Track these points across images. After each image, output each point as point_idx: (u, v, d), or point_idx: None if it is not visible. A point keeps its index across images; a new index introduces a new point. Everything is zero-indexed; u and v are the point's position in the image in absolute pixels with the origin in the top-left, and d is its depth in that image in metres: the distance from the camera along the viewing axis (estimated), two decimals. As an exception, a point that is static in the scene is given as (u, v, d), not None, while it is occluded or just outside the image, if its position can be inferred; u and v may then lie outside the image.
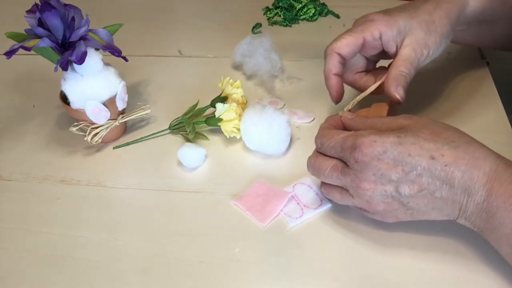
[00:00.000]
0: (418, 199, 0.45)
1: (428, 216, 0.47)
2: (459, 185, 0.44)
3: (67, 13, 0.58)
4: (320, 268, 0.50)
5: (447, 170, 0.44)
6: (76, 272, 0.52)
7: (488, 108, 0.65)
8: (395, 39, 0.56)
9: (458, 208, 0.45)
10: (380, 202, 0.47)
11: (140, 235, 0.55)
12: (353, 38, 0.56)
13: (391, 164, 0.45)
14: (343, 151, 0.48)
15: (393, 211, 0.47)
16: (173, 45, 0.83)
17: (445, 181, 0.44)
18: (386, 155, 0.45)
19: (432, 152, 0.44)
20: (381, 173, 0.45)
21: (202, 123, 0.65)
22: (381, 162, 0.45)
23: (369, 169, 0.45)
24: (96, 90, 0.61)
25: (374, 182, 0.46)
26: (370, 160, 0.45)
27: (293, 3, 0.88)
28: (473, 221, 0.45)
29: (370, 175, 0.46)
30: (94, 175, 0.62)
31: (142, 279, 0.51)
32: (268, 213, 0.55)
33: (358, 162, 0.46)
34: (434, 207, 0.46)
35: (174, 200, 0.58)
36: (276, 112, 0.61)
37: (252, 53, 0.73)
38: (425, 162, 0.44)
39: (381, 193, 0.46)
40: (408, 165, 0.44)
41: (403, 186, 0.45)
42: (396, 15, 0.57)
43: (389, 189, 0.45)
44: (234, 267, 0.51)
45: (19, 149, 0.67)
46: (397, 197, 0.46)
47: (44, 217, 0.58)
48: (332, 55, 0.57)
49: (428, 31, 0.56)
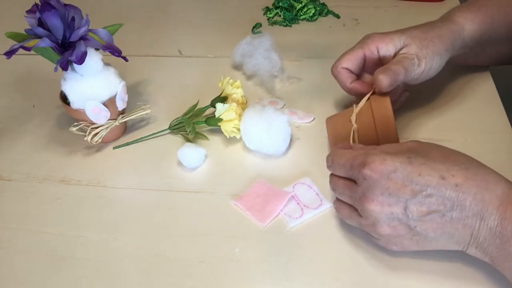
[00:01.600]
0: (427, 223, 0.44)
1: (436, 245, 0.46)
2: (470, 207, 0.42)
3: (67, 13, 0.58)
4: (320, 268, 0.50)
5: (458, 191, 0.43)
6: (76, 272, 0.52)
7: (488, 108, 0.65)
8: (390, 52, 0.59)
9: (469, 233, 0.43)
10: (386, 226, 0.45)
11: (140, 235, 0.55)
12: (354, 53, 0.60)
13: (400, 184, 0.44)
14: (352, 168, 0.47)
15: (398, 237, 0.46)
16: (173, 45, 0.83)
17: (456, 202, 0.43)
18: (396, 174, 0.44)
19: (442, 172, 0.43)
20: (389, 192, 0.44)
21: (202, 123, 0.65)
22: (390, 181, 0.44)
23: (377, 188, 0.44)
24: (96, 90, 0.61)
25: (381, 202, 0.44)
26: (380, 179, 0.44)
27: (293, 3, 0.88)
28: (485, 249, 0.43)
29: (378, 195, 0.44)
30: (94, 175, 0.62)
31: (142, 279, 0.51)
32: (268, 213, 0.55)
33: (366, 180, 0.45)
34: (443, 233, 0.44)
35: (174, 200, 0.58)
36: (276, 112, 0.61)
37: (252, 53, 0.73)
38: (435, 182, 0.43)
39: (387, 215, 0.45)
40: (418, 185, 0.43)
41: (411, 207, 0.44)
42: (392, 33, 0.60)
43: (397, 211, 0.44)
44: (234, 267, 0.51)
45: (19, 149, 0.67)
46: (404, 220, 0.44)
47: (44, 217, 0.58)
48: (341, 72, 0.60)
49: (421, 45, 0.58)
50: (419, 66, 0.57)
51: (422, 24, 0.61)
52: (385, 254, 0.50)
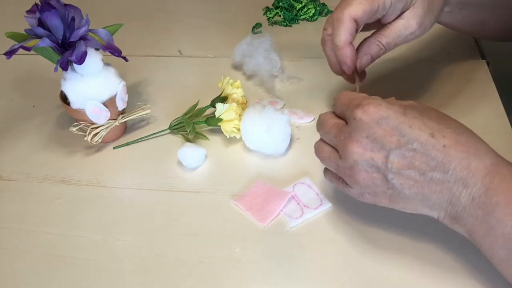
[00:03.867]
0: (404, 178, 0.42)
1: (408, 205, 0.44)
2: (454, 172, 0.41)
3: (67, 13, 0.58)
4: (320, 268, 0.50)
5: (444, 152, 0.41)
6: (76, 272, 0.52)
7: (488, 108, 0.65)
8: (398, 11, 0.54)
9: (447, 199, 0.42)
10: (363, 171, 0.44)
11: (140, 235, 0.55)
12: (370, 4, 0.52)
13: (388, 131, 0.42)
14: (348, 108, 0.45)
15: (372, 186, 0.44)
16: (173, 45, 0.83)
17: (439, 163, 0.41)
18: (386, 121, 0.43)
19: (433, 130, 0.42)
20: (375, 137, 0.43)
21: (202, 123, 0.65)
22: (379, 127, 0.43)
23: (364, 130, 0.43)
24: (96, 90, 0.61)
25: (365, 145, 0.43)
26: (369, 121, 0.43)
27: (293, 3, 0.88)
28: (463, 219, 0.42)
29: (363, 137, 0.43)
30: (94, 175, 0.62)
31: (142, 279, 0.51)
32: (268, 213, 0.55)
33: (356, 120, 0.44)
34: (418, 193, 0.43)
35: (174, 200, 0.58)
36: (276, 112, 0.61)
37: (252, 53, 0.73)
38: (424, 138, 0.42)
39: (367, 160, 0.43)
40: (406, 137, 0.42)
41: (392, 157, 0.42)
42: None
43: (378, 157, 0.43)
44: (234, 267, 0.51)
45: (19, 149, 0.67)
46: (382, 169, 0.43)
47: (44, 217, 0.58)
48: (348, 22, 0.53)
49: (428, 11, 0.54)
50: (417, 35, 0.55)
51: None
52: (385, 254, 0.50)
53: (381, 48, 0.55)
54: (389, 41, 0.55)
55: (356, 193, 0.47)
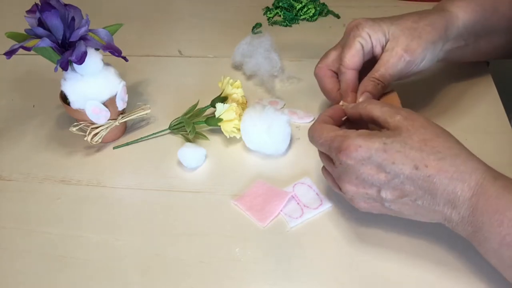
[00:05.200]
0: (400, 205, 0.46)
1: (411, 218, 0.48)
2: (441, 197, 0.44)
3: (67, 13, 0.58)
4: (320, 268, 0.50)
5: (429, 181, 0.44)
6: (76, 272, 0.52)
7: (488, 108, 0.65)
8: (380, 41, 0.56)
9: (441, 217, 0.45)
10: (362, 202, 0.48)
11: (140, 235, 0.55)
12: (353, 47, 0.56)
13: (374, 170, 0.45)
14: (330, 150, 0.48)
15: (375, 209, 0.48)
16: (173, 45, 0.83)
17: (427, 191, 0.44)
18: (370, 161, 0.45)
19: (416, 161, 0.44)
20: (363, 177, 0.46)
21: (202, 123, 0.65)
22: (365, 167, 0.45)
23: (352, 172, 0.46)
24: (96, 90, 0.61)
25: (356, 185, 0.46)
26: (354, 164, 0.45)
27: (293, 3, 0.88)
28: (459, 231, 0.45)
29: (352, 178, 0.46)
30: (94, 175, 0.62)
31: (142, 279, 0.51)
32: (268, 213, 0.55)
33: (342, 165, 0.46)
34: (416, 213, 0.46)
35: (174, 200, 0.58)
36: (276, 112, 0.61)
37: (252, 53, 0.73)
38: (408, 172, 0.44)
39: (363, 195, 0.47)
40: (391, 173, 0.45)
41: (384, 191, 0.45)
42: (379, 20, 0.57)
43: (371, 192, 0.46)
44: (234, 267, 0.51)
45: (19, 149, 0.67)
46: (378, 200, 0.46)
47: (44, 217, 0.58)
48: (348, 72, 0.56)
49: (410, 37, 0.55)
50: (412, 62, 0.55)
51: (413, 13, 0.58)
52: (385, 254, 0.50)
53: (377, 83, 0.55)
54: (382, 73, 0.55)
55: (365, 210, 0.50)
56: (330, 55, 0.60)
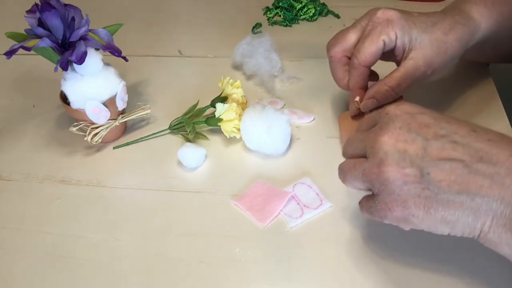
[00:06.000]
0: (443, 172, 0.36)
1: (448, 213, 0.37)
2: (504, 165, 0.35)
3: (67, 13, 0.58)
4: (320, 268, 0.50)
5: (490, 145, 0.36)
6: (76, 272, 0.52)
7: (488, 108, 0.65)
8: (404, 44, 0.54)
9: (498, 196, 0.35)
10: (394, 165, 0.38)
11: (140, 235, 0.55)
12: (375, 45, 0.53)
13: (424, 124, 0.38)
14: (378, 113, 0.42)
15: (403, 188, 0.38)
16: (173, 45, 0.83)
17: (486, 155, 0.35)
18: (422, 116, 0.39)
19: (475, 127, 0.38)
20: (409, 128, 0.38)
21: (202, 123, 0.65)
22: (414, 120, 0.39)
23: (397, 122, 0.39)
24: (96, 90, 0.61)
25: (397, 135, 0.38)
26: (403, 115, 0.39)
27: (293, 3, 0.88)
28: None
29: (396, 127, 0.38)
30: (94, 175, 0.62)
31: (142, 279, 0.51)
32: (268, 213, 0.55)
33: (388, 115, 0.40)
34: (461, 191, 0.36)
35: (174, 200, 0.58)
36: (276, 112, 0.61)
37: (252, 53, 0.73)
38: (465, 132, 0.37)
39: (399, 152, 0.38)
40: (444, 130, 0.37)
41: (429, 148, 0.37)
42: (412, 23, 0.53)
43: (412, 148, 0.37)
44: (234, 267, 0.51)
45: (19, 149, 0.67)
46: (417, 162, 0.37)
47: (44, 217, 0.58)
48: (361, 68, 0.54)
49: (437, 51, 0.53)
50: (429, 76, 0.54)
51: (443, 17, 0.54)
52: (385, 254, 0.50)
53: (390, 92, 0.54)
54: (400, 82, 0.53)
55: (383, 206, 0.40)
56: (349, 39, 0.55)
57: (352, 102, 0.58)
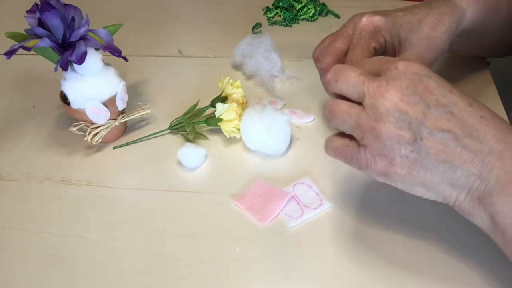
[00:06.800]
0: (434, 141, 0.39)
1: (428, 177, 0.40)
2: (489, 142, 0.38)
3: (67, 13, 0.58)
4: (320, 268, 0.50)
5: (482, 122, 0.39)
6: (76, 272, 0.52)
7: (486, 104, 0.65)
8: (394, 46, 0.54)
9: (477, 172, 0.38)
10: (392, 123, 0.39)
11: (140, 235, 0.55)
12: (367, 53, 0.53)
13: (428, 89, 0.39)
14: (388, 62, 0.42)
15: (395, 146, 0.40)
16: (173, 45, 0.83)
17: (475, 131, 0.38)
18: (428, 80, 0.40)
19: (472, 102, 0.40)
20: (415, 90, 0.39)
21: (202, 123, 0.65)
22: (421, 83, 0.39)
23: (405, 80, 0.39)
24: (96, 90, 0.61)
25: (402, 95, 0.39)
26: (411, 74, 0.40)
27: (293, 3, 0.88)
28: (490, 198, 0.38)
29: (403, 86, 0.39)
30: (94, 175, 0.62)
31: (142, 279, 0.51)
32: (268, 213, 0.55)
33: (398, 70, 0.40)
34: (446, 161, 0.39)
35: (174, 200, 0.58)
36: (276, 112, 0.61)
37: (252, 53, 0.73)
38: (463, 105, 0.39)
39: (400, 111, 0.39)
40: (445, 98, 0.39)
41: (429, 116, 0.39)
42: (398, 25, 0.54)
43: (413, 112, 0.39)
44: (234, 267, 0.51)
45: (19, 149, 0.67)
46: (414, 126, 0.39)
47: (44, 217, 0.58)
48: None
49: (427, 48, 0.53)
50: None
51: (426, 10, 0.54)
52: (385, 254, 0.50)
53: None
54: None
55: (369, 158, 0.41)
56: (338, 48, 0.56)
57: None
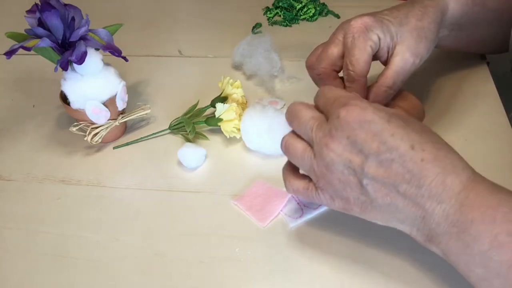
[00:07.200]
0: (378, 186, 0.42)
1: (379, 215, 0.43)
2: (428, 187, 0.40)
3: (67, 13, 0.58)
4: (320, 268, 0.50)
5: (422, 166, 0.40)
6: (76, 272, 0.52)
7: (488, 108, 0.65)
8: (388, 44, 0.55)
9: (420, 215, 0.41)
10: (339, 171, 0.43)
11: (140, 235, 0.55)
12: (365, 53, 0.54)
13: (369, 136, 0.41)
14: (333, 104, 0.44)
15: (346, 190, 0.43)
16: (173, 45, 0.83)
17: (414, 177, 0.40)
18: (369, 126, 0.41)
19: (414, 142, 0.41)
20: (355, 139, 0.42)
21: (202, 123, 0.65)
22: (361, 130, 0.41)
23: (346, 130, 0.42)
24: (96, 90, 0.61)
25: (344, 146, 0.42)
26: (351, 123, 0.42)
27: (293, 3, 0.88)
28: (437, 237, 0.41)
29: (343, 137, 0.42)
30: (94, 175, 0.62)
31: (142, 279, 0.51)
32: (268, 213, 0.55)
33: (339, 119, 0.42)
34: (391, 204, 0.42)
35: (174, 200, 0.58)
36: (276, 112, 0.61)
37: (252, 53, 0.73)
38: (404, 149, 0.40)
39: (344, 161, 0.42)
40: (386, 145, 0.41)
41: (370, 163, 0.41)
42: (387, 21, 0.55)
43: (355, 160, 0.42)
44: (234, 267, 0.51)
45: (19, 149, 0.67)
46: (358, 173, 0.42)
47: (44, 217, 0.58)
48: (361, 81, 0.55)
49: (418, 39, 0.54)
50: (417, 64, 0.55)
51: (410, 5, 0.56)
52: (385, 254, 0.50)
53: (386, 90, 0.55)
54: (395, 79, 0.54)
55: (327, 199, 0.45)
56: (331, 53, 0.57)
57: None
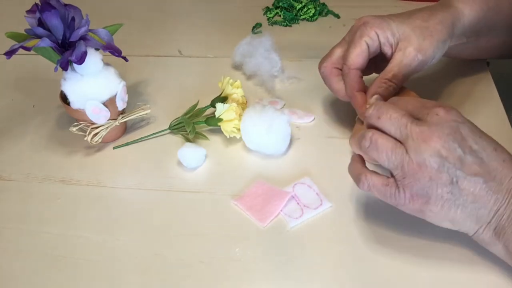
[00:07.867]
0: (467, 184, 0.43)
1: (457, 214, 0.44)
2: (507, 184, 0.43)
3: (67, 13, 0.58)
4: (320, 268, 0.50)
5: (503, 166, 0.43)
6: (76, 272, 0.52)
7: (488, 108, 0.65)
8: (389, 40, 0.56)
9: (496, 208, 0.43)
10: (434, 168, 0.43)
11: (140, 235, 0.55)
12: (358, 47, 0.56)
13: (463, 136, 0.43)
14: (425, 106, 0.45)
15: (433, 188, 0.43)
16: (173, 45, 0.83)
17: (498, 175, 0.43)
18: (463, 126, 0.44)
19: (495, 145, 0.45)
20: (455, 137, 0.43)
21: (202, 123, 0.65)
22: (458, 130, 0.43)
23: (447, 127, 0.43)
24: (96, 90, 0.61)
25: (444, 143, 0.43)
26: (451, 122, 0.43)
27: (293, 3, 0.88)
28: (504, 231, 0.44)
29: (445, 133, 0.43)
30: (94, 175, 0.62)
31: (142, 279, 0.51)
32: (268, 213, 0.55)
33: (438, 116, 0.44)
34: (474, 201, 0.44)
35: (174, 200, 0.58)
36: (276, 112, 0.61)
37: (252, 53, 0.73)
38: (490, 150, 0.44)
39: (441, 157, 0.43)
40: (477, 145, 0.44)
41: (465, 161, 0.43)
42: (388, 18, 0.56)
43: (452, 157, 0.43)
44: (234, 267, 0.51)
45: (19, 149, 0.67)
46: (452, 171, 0.43)
47: (44, 217, 0.58)
48: (351, 72, 0.56)
49: (422, 36, 0.55)
50: (423, 61, 0.56)
51: (420, 10, 0.58)
52: (385, 254, 0.50)
53: (389, 85, 0.55)
54: (396, 73, 0.55)
55: (406, 197, 0.45)
56: (335, 53, 0.59)
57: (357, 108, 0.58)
